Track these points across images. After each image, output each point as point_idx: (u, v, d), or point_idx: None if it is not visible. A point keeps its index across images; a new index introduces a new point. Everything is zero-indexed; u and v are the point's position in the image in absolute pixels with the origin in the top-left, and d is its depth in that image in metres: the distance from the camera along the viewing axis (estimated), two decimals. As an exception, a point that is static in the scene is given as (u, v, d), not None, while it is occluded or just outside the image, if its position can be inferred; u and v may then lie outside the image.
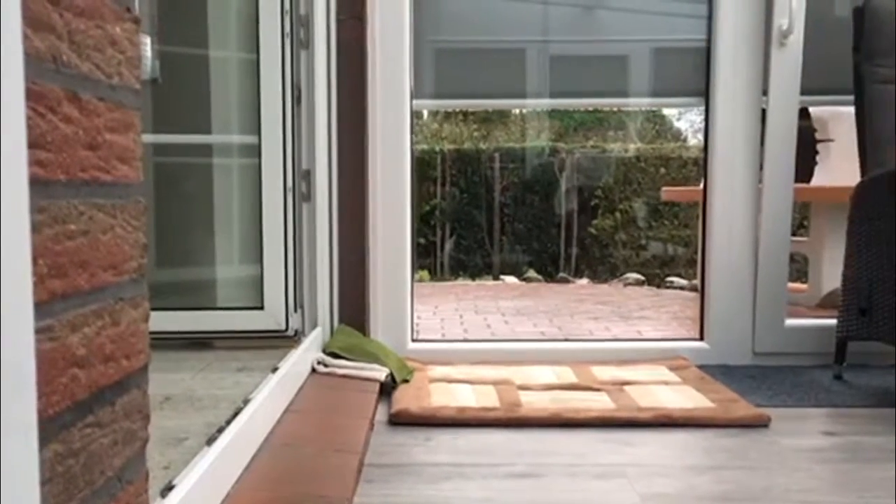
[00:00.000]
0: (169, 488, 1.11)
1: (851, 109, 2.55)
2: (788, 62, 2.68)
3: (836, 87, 2.74)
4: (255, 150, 2.41)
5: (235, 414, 1.53)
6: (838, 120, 3.75)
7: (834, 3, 2.95)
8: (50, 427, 0.57)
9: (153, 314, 0.78)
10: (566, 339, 3.36)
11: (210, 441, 1.35)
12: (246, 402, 1.62)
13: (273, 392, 1.78)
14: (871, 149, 2.46)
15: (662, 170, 7.78)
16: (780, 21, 2.66)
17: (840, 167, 3.73)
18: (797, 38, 2.66)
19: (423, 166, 7.61)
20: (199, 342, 2.37)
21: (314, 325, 2.45)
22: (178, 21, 2.69)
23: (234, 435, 1.42)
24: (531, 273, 7.46)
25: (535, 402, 2.15)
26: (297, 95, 2.43)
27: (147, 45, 2.44)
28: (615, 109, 8.12)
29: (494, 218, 7.78)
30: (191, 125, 2.67)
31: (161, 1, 2.63)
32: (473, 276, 7.50)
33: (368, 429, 1.89)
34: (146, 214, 0.75)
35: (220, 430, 1.41)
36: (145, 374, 0.75)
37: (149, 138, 2.49)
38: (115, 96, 0.68)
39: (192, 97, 2.66)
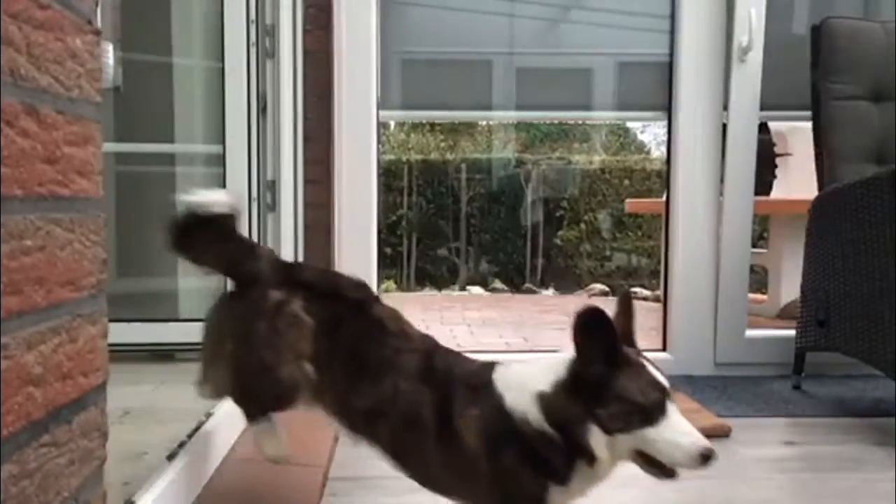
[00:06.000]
0: (128, 505, 1.09)
1: (809, 124, 2.61)
2: (748, 78, 2.73)
3: (794, 102, 2.80)
4: (220, 160, 2.38)
5: (197, 428, 1.51)
6: (797, 134, 3.84)
7: (792, 21, 3.02)
8: (4, 448, 0.56)
9: (113, 325, 0.76)
10: (532, 350, 3.38)
11: (171, 456, 1.33)
12: (208, 415, 1.60)
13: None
14: (829, 163, 2.51)
15: (626, 182, 7.87)
16: (741, 38, 2.71)
17: (798, 180, 3.81)
18: (757, 55, 2.72)
19: (389, 177, 7.60)
20: (160, 354, 2.34)
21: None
22: (141, 28, 2.66)
23: (196, 450, 1.41)
24: (497, 284, 7.49)
25: (501, 414, 2.14)
26: (262, 105, 2.42)
27: (109, 52, 2.40)
28: (580, 122, 8.20)
29: (461, 229, 7.80)
30: (153, 134, 2.63)
31: (124, 8, 2.60)
32: (439, 287, 7.50)
33: (333, 442, 1.88)
34: (106, 228, 0.74)
35: (182, 445, 1.39)
36: (103, 391, 0.74)
37: (110, 147, 2.46)
38: (74, 109, 0.67)
39: (154, 105, 2.63)
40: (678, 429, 1.12)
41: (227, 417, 1.67)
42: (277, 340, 1.30)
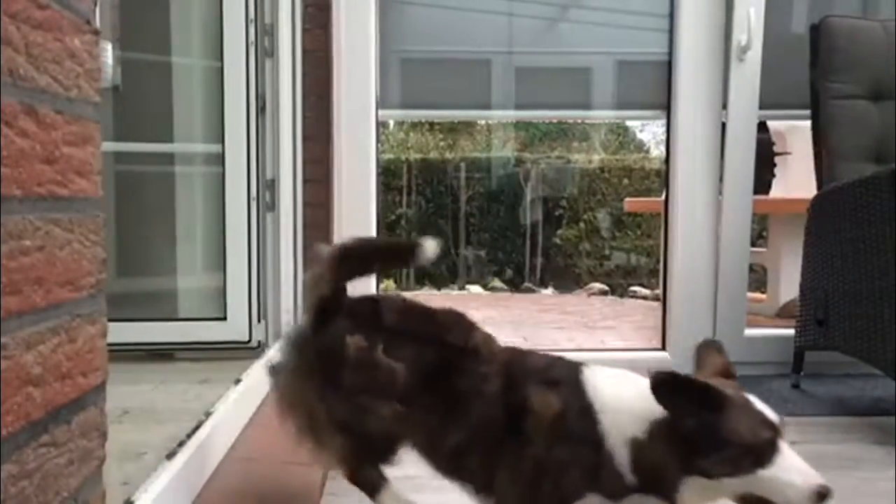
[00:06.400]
0: (127, 505, 1.09)
1: (808, 123, 2.61)
2: (747, 77, 2.74)
3: (793, 101, 2.80)
4: (219, 159, 2.38)
5: (196, 427, 1.50)
6: (796, 133, 3.84)
7: (791, 20, 3.02)
8: (3, 448, 0.55)
9: (113, 325, 0.76)
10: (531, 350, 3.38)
11: (170, 455, 1.33)
12: (207, 414, 1.60)
13: (235, 404, 1.76)
14: (828, 162, 2.51)
15: (626, 181, 7.87)
16: (740, 37, 2.71)
17: (798, 179, 3.81)
18: (756, 54, 2.72)
19: (388, 176, 7.60)
20: (160, 353, 2.33)
21: (278, 337, 2.43)
22: (140, 28, 2.66)
23: (195, 449, 1.40)
24: (496, 283, 7.49)
25: (500, 413, 2.14)
26: (261, 104, 2.42)
27: (108, 51, 2.40)
28: (579, 121, 8.20)
29: (460, 227, 7.79)
30: (153, 133, 2.63)
31: (123, 7, 2.60)
32: (439, 286, 7.50)
33: (332, 441, 1.87)
34: (105, 228, 0.74)
35: (181, 444, 1.39)
36: (103, 391, 0.74)
37: (109, 146, 2.46)
38: (73, 109, 0.67)
39: (154, 105, 2.63)
40: (792, 467, 1.05)
41: (227, 417, 1.67)
42: (371, 389, 1.25)
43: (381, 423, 1.27)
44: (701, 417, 1.05)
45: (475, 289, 7.15)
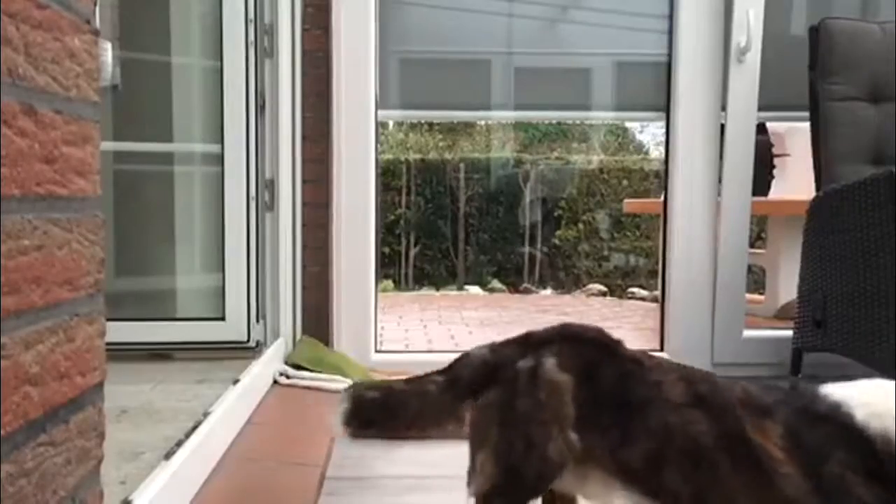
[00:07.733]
0: (125, 505, 1.09)
1: (807, 125, 2.61)
2: (746, 78, 2.74)
3: (792, 103, 2.81)
4: (218, 159, 2.38)
5: (195, 427, 1.51)
6: (795, 135, 3.84)
7: (791, 22, 3.02)
8: (2, 447, 0.56)
9: (111, 324, 0.76)
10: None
11: (168, 455, 1.33)
12: (206, 414, 1.60)
13: (234, 405, 1.77)
14: (826, 164, 2.51)
15: (625, 182, 7.88)
16: (739, 38, 2.71)
17: (796, 181, 3.82)
18: (755, 56, 2.72)
19: (388, 176, 7.60)
20: (158, 353, 2.34)
21: (276, 337, 2.43)
22: (140, 27, 2.66)
23: (194, 449, 1.41)
24: (495, 283, 7.49)
25: (498, 414, 2.14)
26: (260, 104, 2.42)
27: (108, 51, 2.41)
28: (579, 122, 8.21)
29: (459, 228, 7.79)
30: (152, 132, 2.63)
31: (123, 6, 2.60)
32: (438, 287, 7.50)
33: (331, 441, 1.88)
34: (104, 228, 0.74)
35: (179, 444, 1.39)
36: (101, 391, 0.74)
37: (109, 146, 2.46)
38: (72, 109, 0.67)
39: (153, 104, 2.63)
40: None
41: (226, 417, 1.67)
42: (541, 414, 1.13)
43: (542, 466, 1.12)
44: None
45: (474, 289, 7.15)
